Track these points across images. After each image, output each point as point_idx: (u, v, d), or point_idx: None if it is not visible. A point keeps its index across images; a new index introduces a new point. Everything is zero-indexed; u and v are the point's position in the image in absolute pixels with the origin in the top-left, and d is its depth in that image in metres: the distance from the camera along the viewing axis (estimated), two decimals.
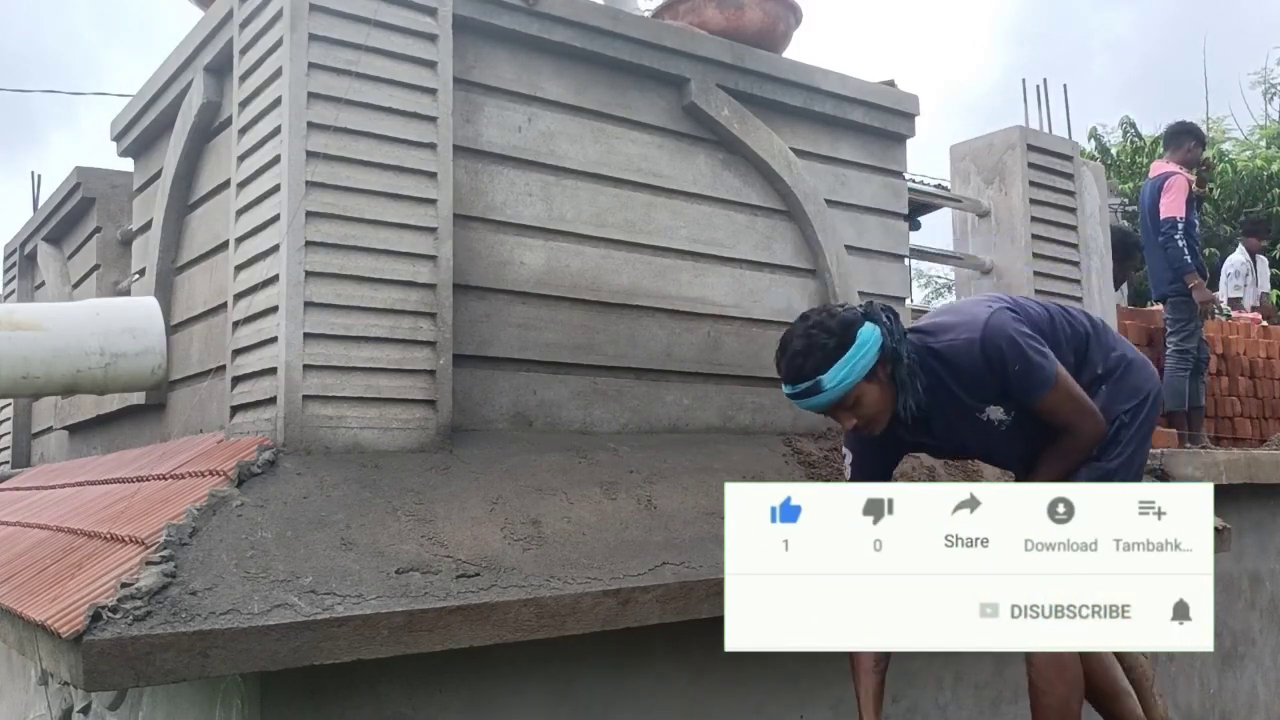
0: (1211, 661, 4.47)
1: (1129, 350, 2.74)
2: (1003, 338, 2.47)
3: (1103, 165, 5.20)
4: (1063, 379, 2.53)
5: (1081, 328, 2.70)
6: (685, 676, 2.81)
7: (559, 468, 2.71)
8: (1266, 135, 15.39)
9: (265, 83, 2.63)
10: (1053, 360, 2.52)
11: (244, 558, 2.05)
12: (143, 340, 2.44)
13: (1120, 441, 2.61)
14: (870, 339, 2.41)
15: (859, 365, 2.39)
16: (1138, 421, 2.64)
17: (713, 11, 3.58)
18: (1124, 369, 2.67)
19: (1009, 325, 2.49)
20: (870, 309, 2.48)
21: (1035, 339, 2.53)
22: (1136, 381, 2.67)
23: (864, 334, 2.41)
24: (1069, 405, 2.54)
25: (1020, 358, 2.47)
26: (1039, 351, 2.50)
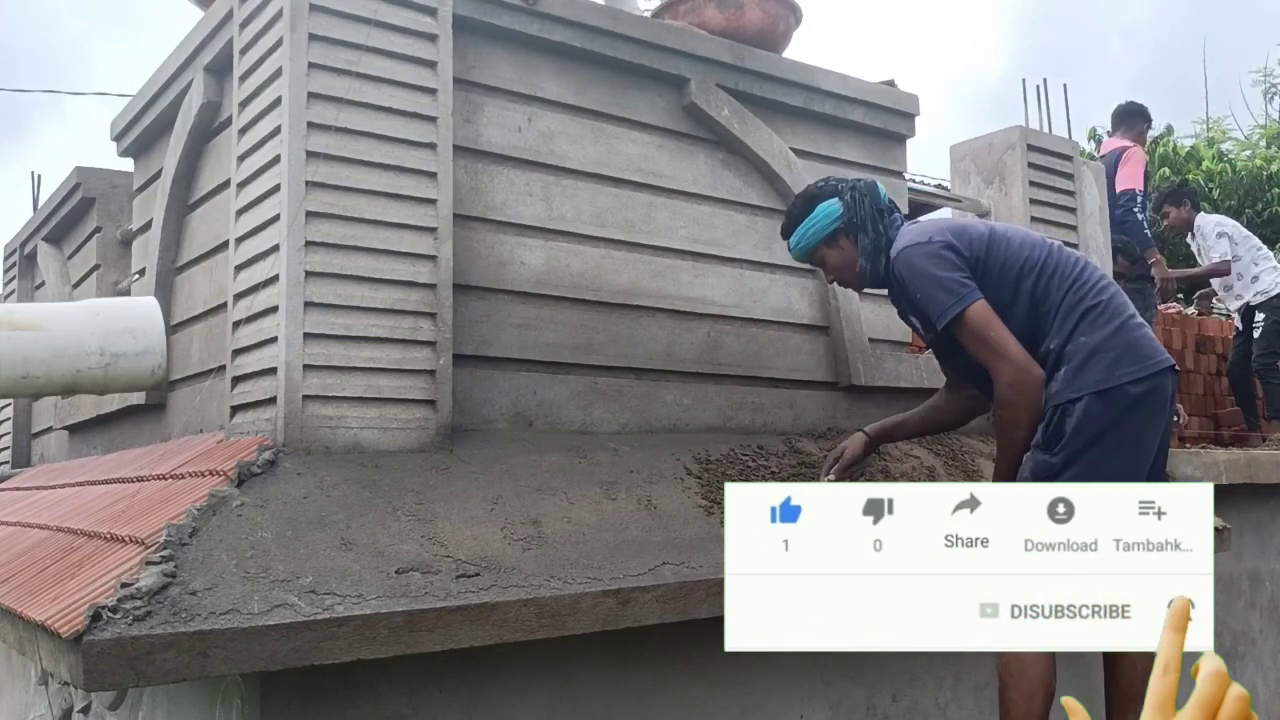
0: None
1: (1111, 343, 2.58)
2: (905, 267, 2.71)
3: (1102, 165, 5.18)
4: (974, 317, 2.57)
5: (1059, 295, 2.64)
6: (685, 676, 2.81)
7: (559, 468, 2.71)
8: (1266, 135, 15.39)
9: (265, 83, 2.63)
10: (965, 298, 2.58)
11: (244, 558, 2.06)
12: (143, 340, 2.44)
13: (1063, 434, 2.53)
14: (826, 212, 2.83)
15: (813, 232, 2.84)
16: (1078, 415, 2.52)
17: (713, 11, 3.58)
18: (1085, 357, 2.57)
19: (916, 257, 2.70)
20: (841, 185, 2.86)
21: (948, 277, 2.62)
22: (1093, 375, 2.55)
23: (822, 207, 2.84)
24: (979, 346, 2.60)
25: (919, 286, 2.65)
26: (944, 285, 2.60)
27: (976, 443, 3.73)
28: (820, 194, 2.86)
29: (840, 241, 2.84)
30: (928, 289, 2.63)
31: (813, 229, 2.84)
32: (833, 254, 2.86)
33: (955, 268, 2.64)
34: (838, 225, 2.82)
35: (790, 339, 3.46)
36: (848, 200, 2.82)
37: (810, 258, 2.92)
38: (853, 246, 2.83)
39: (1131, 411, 2.56)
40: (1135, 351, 2.59)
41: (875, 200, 2.83)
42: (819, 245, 2.86)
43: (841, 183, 2.88)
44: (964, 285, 2.62)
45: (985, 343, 2.58)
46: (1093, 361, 2.56)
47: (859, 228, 2.81)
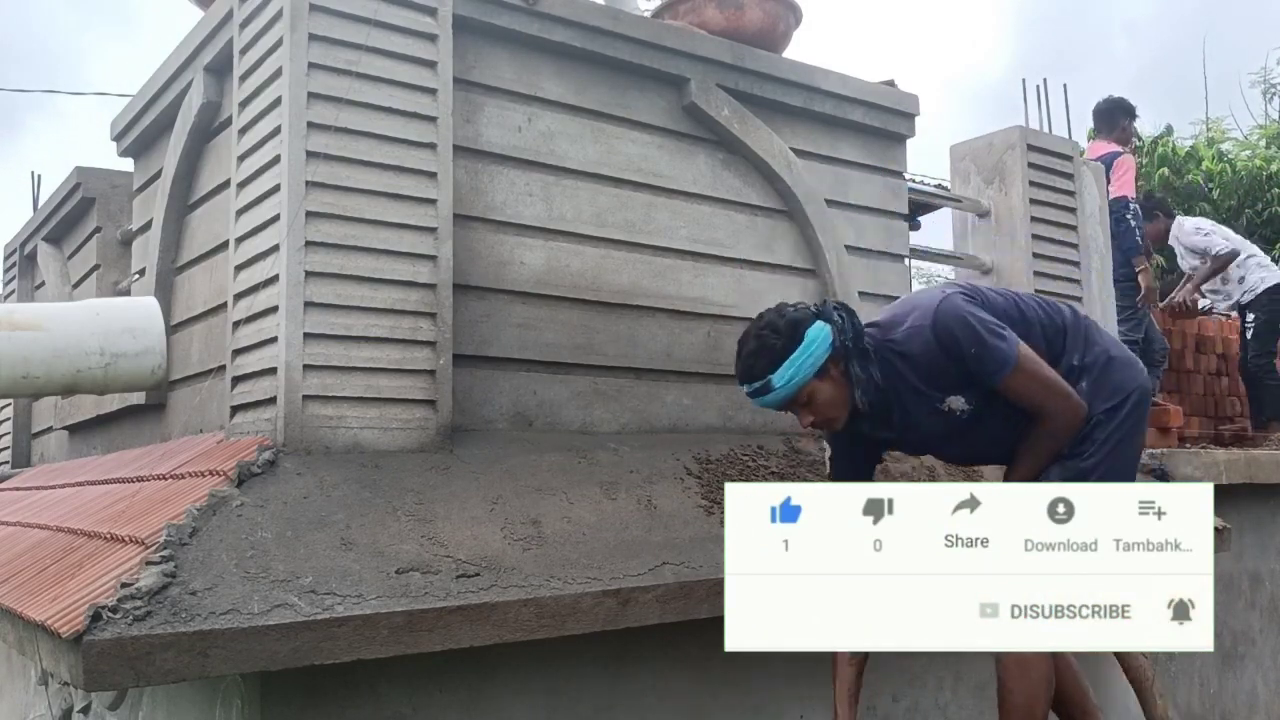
0: (1211, 661, 4.47)
1: (1113, 347, 2.70)
2: (954, 320, 2.47)
3: (1102, 165, 5.18)
4: (1026, 359, 2.49)
5: (1059, 317, 2.66)
6: (685, 676, 2.81)
7: (559, 468, 2.71)
8: (1266, 135, 15.38)
9: (265, 83, 2.63)
10: (1013, 340, 2.49)
11: (244, 558, 2.06)
12: (143, 340, 2.44)
13: (1095, 440, 2.56)
14: (818, 337, 2.46)
15: (807, 364, 2.45)
16: (1116, 421, 2.58)
17: (713, 11, 3.58)
18: (1105, 365, 2.62)
19: (961, 308, 2.49)
20: (823, 308, 2.52)
21: (992, 321, 2.50)
22: (1119, 379, 2.61)
23: (812, 333, 2.46)
24: (1036, 386, 2.50)
25: (974, 340, 2.46)
26: (995, 332, 2.48)
27: None
28: (802, 319, 2.48)
29: (830, 371, 2.47)
30: (981, 339, 2.44)
31: (808, 358, 2.45)
32: (823, 387, 2.48)
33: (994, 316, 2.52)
34: (827, 355, 2.46)
35: None
36: (836, 321, 2.48)
37: (796, 397, 2.49)
38: (841, 375, 2.48)
39: (1135, 411, 2.68)
40: (1132, 359, 2.75)
41: (853, 315, 2.53)
42: (810, 379, 2.46)
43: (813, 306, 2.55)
44: (1006, 329, 2.50)
45: (1043, 380, 2.49)
46: (1111, 369, 2.64)
47: (849, 353, 2.47)
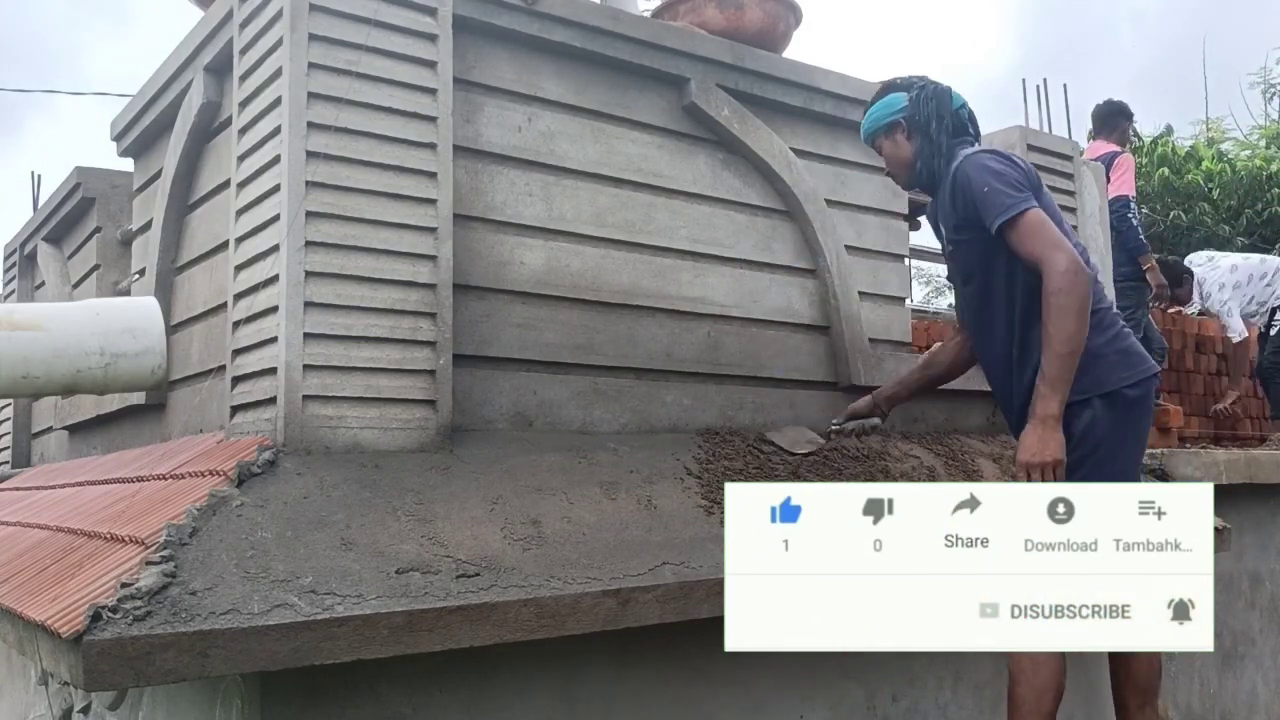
0: (1211, 661, 4.47)
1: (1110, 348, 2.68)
2: (974, 166, 2.72)
3: (1102, 165, 5.18)
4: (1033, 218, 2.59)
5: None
6: (685, 676, 2.81)
7: (559, 468, 2.71)
8: (1266, 135, 15.39)
9: (265, 83, 2.63)
10: (1028, 203, 2.60)
11: (244, 558, 2.06)
12: (143, 340, 2.44)
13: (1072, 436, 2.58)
14: (892, 104, 2.94)
15: (875, 119, 2.98)
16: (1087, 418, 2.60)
17: (713, 11, 3.58)
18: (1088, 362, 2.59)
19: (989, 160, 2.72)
20: (914, 83, 2.95)
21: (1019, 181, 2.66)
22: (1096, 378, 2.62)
23: (890, 98, 2.96)
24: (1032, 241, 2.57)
25: (986, 181, 2.65)
26: (1014, 188, 2.63)
27: (977, 443, 3.74)
28: (894, 85, 2.98)
29: (896, 135, 2.94)
30: (996, 185, 2.64)
31: (876, 115, 2.96)
32: (886, 144, 2.98)
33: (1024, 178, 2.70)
34: (896, 119, 2.92)
35: (790, 339, 3.46)
36: (913, 97, 2.91)
37: (871, 142, 3.04)
38: (907, 144, 2.92)
39: (1129, 414, 2.69)
40: (1129, 358, 2.72)
41: (942, 106, 2.89)
42: (878, 134, 2.98)
43: (916, 81, 2.96)
44: (1028, 195, 2.65)
45: (1040, 237, 2.56)
46: (1095, 365, 2.63)
47: (918, 127, 2.89)
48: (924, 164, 2.90)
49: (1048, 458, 2.49)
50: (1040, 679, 2.57)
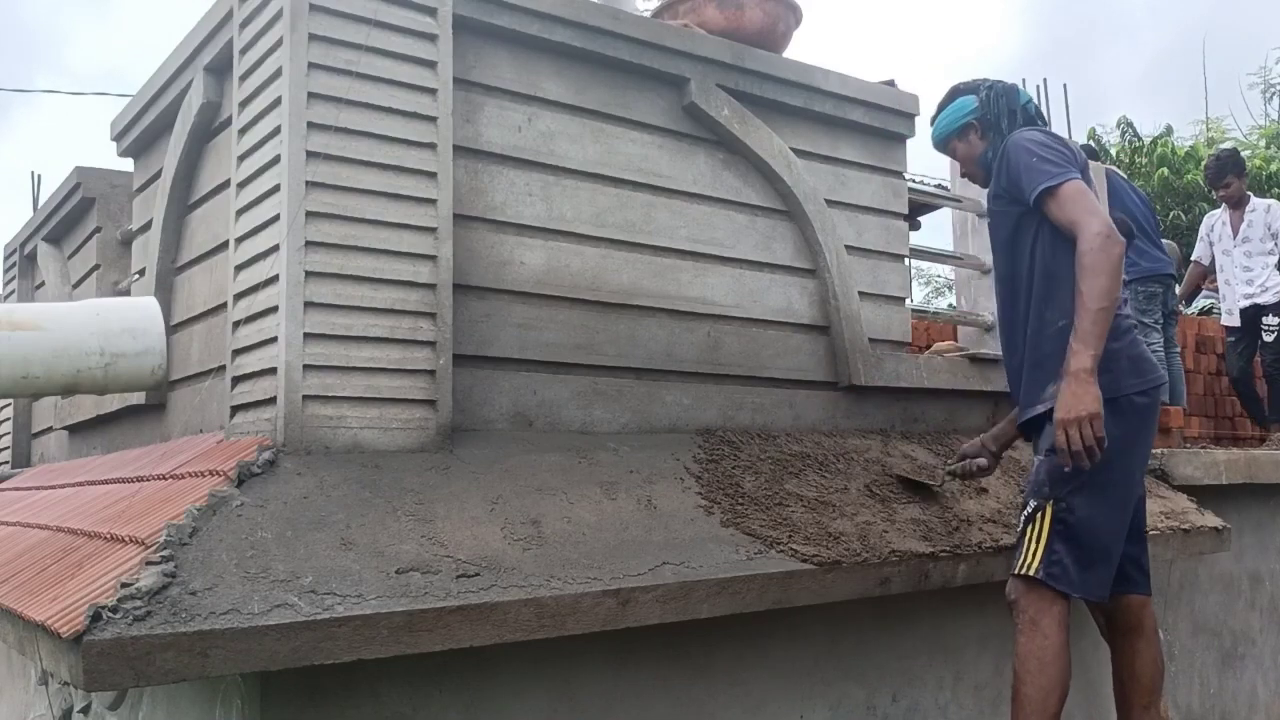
0: (1211, 661, 4.47)
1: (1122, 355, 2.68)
2: (1020, 140, 2.80)
3: (1102, 165, 5.18)
4: (1072, 188, 2.66)
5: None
6: (685, 676, 2.81)
7: (559, 468, 2.71)
8: (1266, 135, 15.41)
9: (265, 83, 2.63)
10: (1069, 176, 2.68)
11: (244, 558, 2.06)
12: (143, 340, 2.44)
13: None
14: (962, 106, 3.06)
15: (946, 123, 3.09)
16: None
17: (713, 11, 3.58)
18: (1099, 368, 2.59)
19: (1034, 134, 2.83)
20: (979, 84, 3.06)
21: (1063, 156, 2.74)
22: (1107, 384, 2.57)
23: (960, 101, 3.07)
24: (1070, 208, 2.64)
25: (1024, 157, 2.75)
26: (1055, 164, 2.71)
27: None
28: (962, 89, 3.08)
29: (970, 136, 3.05)
30: (1041, 156, 2.73)
31: (947, 120, 3.07)
32: (961, 146, 3.08)
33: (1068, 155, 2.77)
34: (969, 120, 3.03)
35: (790, 339, 3.46)
36: (983, 98, 3.01)
37: (945, 147, 3.14)
38: (981, 143, 3.03)
39: (1136, 421, 2.71)
40: (1139, 365, 2.73)
41: (1011, 102, 2.98)
42: (951, 137, 3.09)
43: (982, 82, 3.06)
44: (1069, 169, 2.71)
45: (1079, 204, 2.63)
46: (1106, 370, 2.62)
47: (990, 125, 2.99)
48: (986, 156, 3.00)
49: (1083, 411, 2.47)
50: (1047, 678, 2.57)
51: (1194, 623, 4.42)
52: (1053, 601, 2.62)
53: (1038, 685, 2.57)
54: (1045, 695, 2.57)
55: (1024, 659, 2.60)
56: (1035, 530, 2.65)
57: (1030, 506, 2.69)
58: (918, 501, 3.18)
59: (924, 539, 2.99)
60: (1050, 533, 2.63)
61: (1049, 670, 2.57)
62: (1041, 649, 2.57)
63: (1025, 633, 2.63)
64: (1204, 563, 4.44)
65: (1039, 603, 2.62)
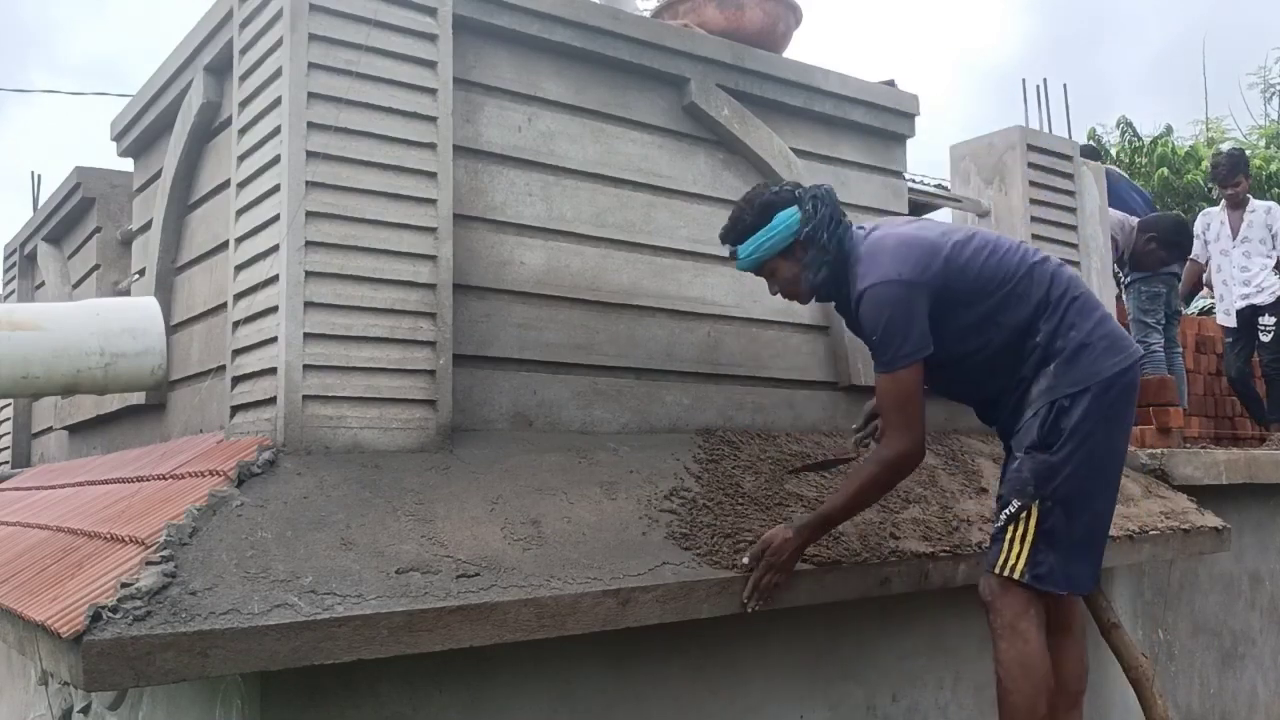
0: (1211, 661, 4.47)
1: (1096, 335, 2.62)
2: (871, 306, 2.57)
3: (1102, 165, 5.18)
4: (906, 379, 2.54)
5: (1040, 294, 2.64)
6: (685, 676, 2.81)
7: (559, 468, 2.71)
8: (1265, 135, 15.41)
9: (265, 83, 2.63)
10: (909, 355, 2.53)
11: (244, 558, 2.05)
12: (143, 340, 2.44)
13: (1062, 430, 2.55)
14: (784, 222, 2.66)
15: (766, 244, 2.67)
16: (1080, 408, 2.55)
17: (713, 11, 3.58)
18: (1074, 351, 2.59)
19: (884, 298, 2.55)
20: (802, 194, 2.69)
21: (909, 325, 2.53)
22: (1088, 368, 2.57)
23: (780, 217, 2.66)
24: (895, 407, 2.55)
25: (877, 329, 2.56)
26: (899, 337, 2.53)
27: (977, 443, 3.74)
28: (778, 201, 2.67)
29: (795, 253, 2.68)
30: (885, 334, 2.55)
31: (770, 239, 2.66)
32: (786, 265, 2.70)
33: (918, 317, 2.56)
34: (794, 239, 2.66)
35: (790, 339, 3.46)
36: (808, 210, 2.66)
37: (759, 269, 2.74)
38: (801, 257, 2.68)
39: (1119, 399, 2.64)
40: (1116, 343, 2.66)
41: (834, 210, 2.68)
42: (773, 258, 2.69)
43: (798, 189, 2.72)
44: (917, 343, 2.55)
45: (902, 409, 2.54)
46: (1082, 355, 2.60)
47: (815, 241, 2.65)
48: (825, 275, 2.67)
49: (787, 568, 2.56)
50: (1032, 684, 2.53)
51: (1194, 623, 4.42)
52: (1029, 603, 2.56)
53: (1024, 692, 2.53)
54: (1033, 701, 2.53)
55: (1007, 666, 2.55)
56: (1019, 531, 2.57)
57: (1014, 506, 2.58)
58: (918, 501, 3.17)
59: (924, 539, 2.99)
60: (1036, 534, 2.55)
61: (1033, 675, 2.53)
62: (1023, 654, 2.53)
63: (1005, 638, 2.56)
64: (1204, 563, 4.44)
65: (1016, 605, 2.56)
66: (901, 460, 2.55)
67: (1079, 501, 2.58)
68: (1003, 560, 2.58)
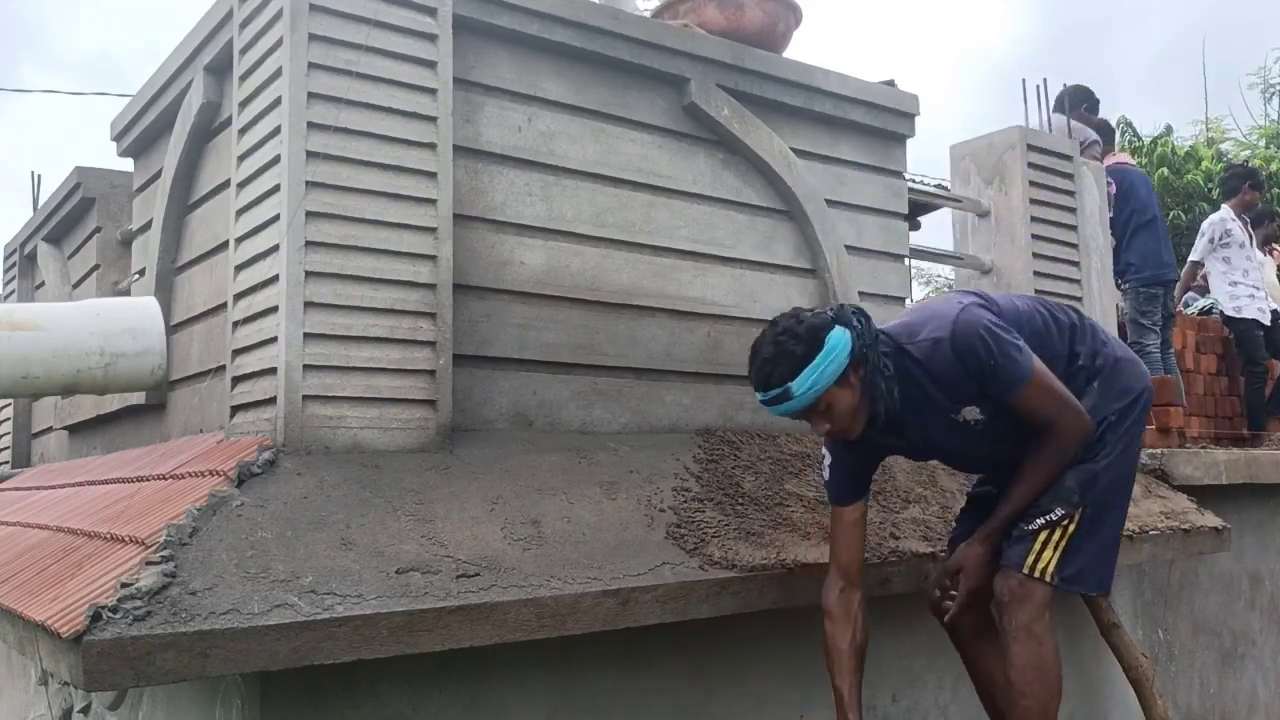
0: (1211, 661, 4.47)
1: (1119, 348, 2.75)
2: (974, 334, 2.45)
3: (1102, 165, 5.18)
4: (1040, 373, 2.50)
5: (1067, 319, 2.71)
6: (685, 676, 2.81)
7: (559, 468, 2.71)
8: (1265, 135, 15.40)
9: (265, 83, 2.63)
10: (1029, 354, 2.49)
11: (244, 558, 2.06)
12: (143, 340, 2.44)
13: (1107, 442, 2.61)
14: (839, 344, 2.39)
15: (828, 371, 2.37)
16: (1127, 422, 2.64)
17: (713, 11, 3.58)
18: (1113, 367, 2.68)
19: (981, 320, 2.47)
20: (841, 312, 2.45)
21: (1009, 332, 2.50)
22: (1127, 380, 2.67)
23: (833, 339, 2.38)
24: (1050, 400, 2.51)
25: (995, 352, 2.44)
26: (1014, 345, 2.48)
27: None
28: (821, 324, 2.41)
29: (849, 378, 2.41)
30: (1002, 353, 2.43)
31: (830, 366, 2.37)
32: (844, 395, 2.42)
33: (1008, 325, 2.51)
34: (850, 360, 2.40)
35: None
36: (857, 326, 2.43)
37: (815, 405, 2.41)
38: (859, 381, 2.43)
39: (1142, 413, 2.73)
40: (1134, 359, 2.78)
41: (872, 324, 2.48)
42: (832, 387, 2.39)
43: (829, 309, 2.48)
44: (1022, 339, 2.49)
45: (1054, 396, 2.49)
46: (1119, 371, 2.68)
47: (866, 360, 2.42)
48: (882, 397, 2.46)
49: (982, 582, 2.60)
50: (1045, 687, 2.52)
51: (1194, 623, 4.42)
52: (1047, 606, 2.56)
53: (1037, 696, 2.51)
54: (1045, 704, 2.52)
55: (1022, 669, 2.52)
56: (1056, 535, 2.55)
57: (1056, 513, 2.54)
58: (918, 501, 3.18)
59: (924, 539, 2.99)
60: (1074, 538, 2.55)
61: (1047, 678, 2.52)
62: (1039, 657, 2.51)
63: (1020, 640, 2.53)
64: (1204, 563, 4.44)
65: (1034, 609, 2.53)
66: (1076, 439, 2.53)
67: (1110, 505, 2.64)
68: (1031, 561, 2.54)
